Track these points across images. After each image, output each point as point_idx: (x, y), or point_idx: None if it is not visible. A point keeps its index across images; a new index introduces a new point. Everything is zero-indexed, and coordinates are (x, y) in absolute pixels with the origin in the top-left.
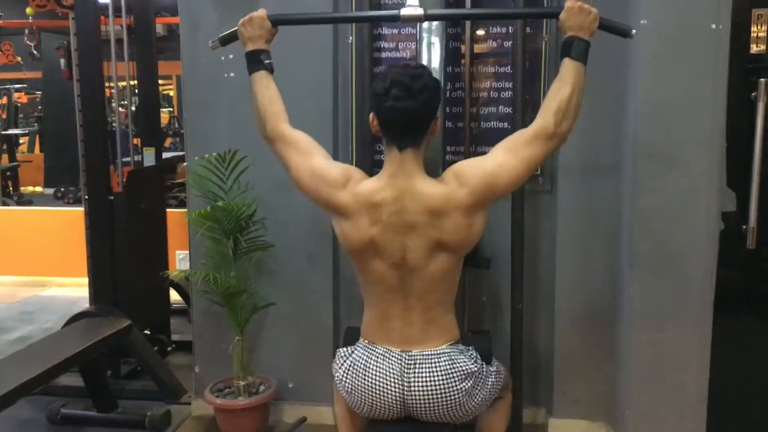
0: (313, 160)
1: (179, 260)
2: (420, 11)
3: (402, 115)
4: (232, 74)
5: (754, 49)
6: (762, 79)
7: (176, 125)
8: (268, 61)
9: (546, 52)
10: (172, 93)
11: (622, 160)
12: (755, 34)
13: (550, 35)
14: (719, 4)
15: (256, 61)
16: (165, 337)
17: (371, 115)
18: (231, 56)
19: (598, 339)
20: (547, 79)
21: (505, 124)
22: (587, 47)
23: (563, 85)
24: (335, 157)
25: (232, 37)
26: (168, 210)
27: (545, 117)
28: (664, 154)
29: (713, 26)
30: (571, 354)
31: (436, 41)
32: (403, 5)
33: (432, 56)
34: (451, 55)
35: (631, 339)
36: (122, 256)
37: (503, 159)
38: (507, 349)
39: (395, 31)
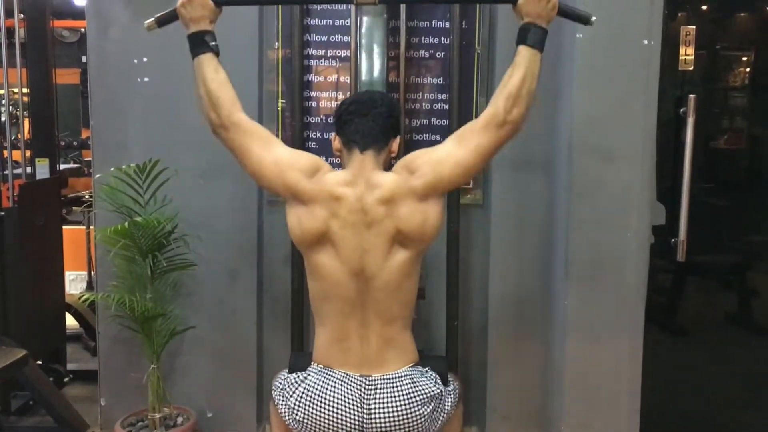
0: (276, 149)
1: (70, 281)
2: None
3: (362, 108)
4: (146, 79)
5: (682, 65)
6: (691, 95)
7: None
8: (213, 43)
9: (478, 64)
10: None
11: (556, 172)
12: (684, 50)
13: (482, 47)
14: (651, 20)
15: (200, 43)
16: (61, 366)
17: (333, 135)
18: (145, 59)
19: (530, 352)
20: (479, 91)
21: (438, 137)
22: (544, 35)
23: (516, 70)
24: None
25: (170, 18)
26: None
27: (496, 104)
28: (596, 167)
29: (645, 42)
30: (503, 370)
31: (372, 50)
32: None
33: (368, 67)
34: (385, 66)
35: (565, 350)
36: (14, 278)
37: (451, 148)
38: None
39: (325, 37)
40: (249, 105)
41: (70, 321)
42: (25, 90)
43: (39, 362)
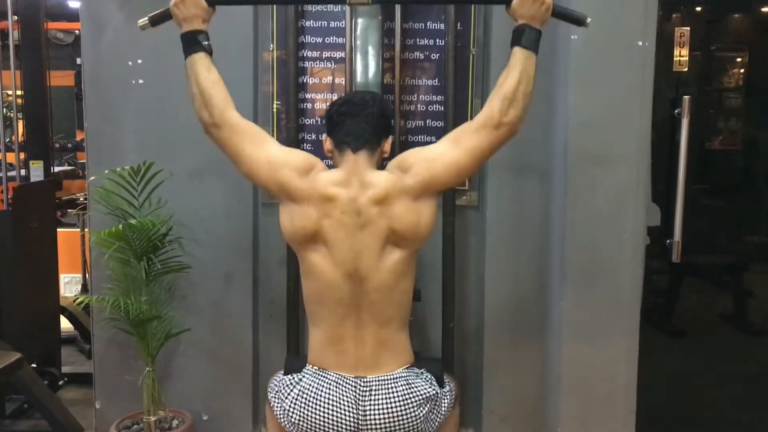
0: (269, 148)
1: (64, 284)
2: None
3: (353, 109)
4: (140, 81)
5: (677, 66)
6: (686, 96)
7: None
8: (206, 42)
9: (473, 65)
10: None
11: (552, 174)
12: (678, 52)
13: (477, 48)
14: (646, 21)
15: (193, 42)
16: (55, 369)
17: (324, 136)
18: (139, 62)
19: (526, 354)
20: (474, 92)
21: (434, 138)
22: (539, 36)
23: (511, 72)
24: None
25: (164, 17)
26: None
27: (491, 105)
28: (592, 168)
29: (639, 43)
30: (499, 371)
31: (367, 52)
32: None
33: (363, 69)
34: (380, 68)
35: (561, 352)
36: (8, 281)
37: (445, 148)
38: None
39: (320, 39)
40: (244, 107)
41: (65, 324)
42: (19, 92)
43: (34, 365)
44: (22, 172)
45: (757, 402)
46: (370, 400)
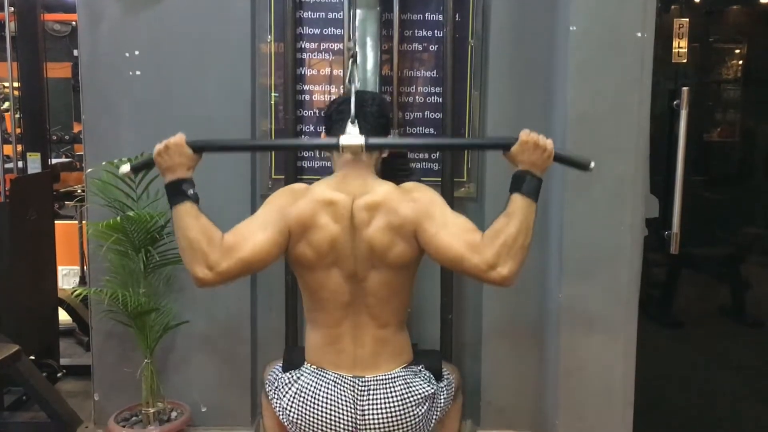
0: (258, 224)
1: (62, 276)
2: (361, 140)
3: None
4: (137, 72)
5: (675, 57)
6: (684, 88)
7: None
8: (192, 191)
9: (472, 57)
10: None
11: (550, 166)
12: (677, 43)
13: (476, 40)
14: (645, 12)
15: (177, 192)
16: (54, 362)
17: (323, 134)
18: (136, 53)
19: (525, 347)
20: (472, 83)
21: (432, 130)
22: (539, 185)
23: (511, 221)
24: (253, 165)
25: (146, 164)
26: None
27: (487, 248)
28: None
29: (639, 34)
30: (497, 363)
31: (365, 44)
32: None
33: (361, 60)
34: (378, 59)
35: (559, 343)
36: (6, 273)
37: (453, 224)
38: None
39: (318, 30)
40: (242, 99)
41: (64, 316)
42: (15, 84)
43: (32, 357)
44: (20, 164)
45: (756, 393)
46: (368, 399)
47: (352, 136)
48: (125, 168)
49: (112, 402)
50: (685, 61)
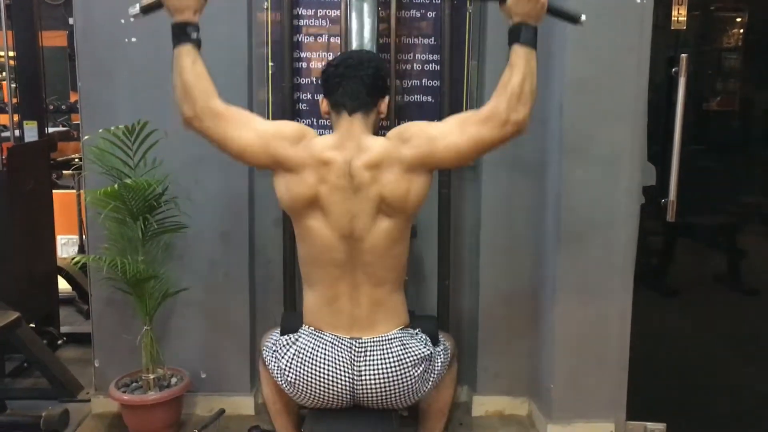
0: (257, 125)
1: (61, 245)
2: None
3: (349, 70)
4: (133, 39)
5: (675, 25)
6: (683, 54)
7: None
8: (195, 35)
9: (470, 24)
10: None
11: (547, 133)
12: (677, 10)
13: (474, 7)
14: None
15: (182, 33)
16: (54, 329)
17: (321, 97)
18: (132, 19)
19: (521, 313)
20: (470, 51)
21: (430, 98)
22: (535, 33)
23: (515, 70)
24: None
25: (155, 5)
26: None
27: (497, 103)
28: (587, 127)
29: (638, 0)
30: (494, 329)
31: (362, 11)
32: None
33: (358, 27)
34: (376, 26)
35: (555, 310)
36: (5, 242)
37: (449, 130)
38: None
39: None
40: (239, 69)
41: (63, 285)
42: (11, 53)
43: (32, 325)
44: (17, 133)
45: (750, 359)
46: (365, 360)
47: None
48: (134, 9)
49: (112, 368)
50: (684, 28)
